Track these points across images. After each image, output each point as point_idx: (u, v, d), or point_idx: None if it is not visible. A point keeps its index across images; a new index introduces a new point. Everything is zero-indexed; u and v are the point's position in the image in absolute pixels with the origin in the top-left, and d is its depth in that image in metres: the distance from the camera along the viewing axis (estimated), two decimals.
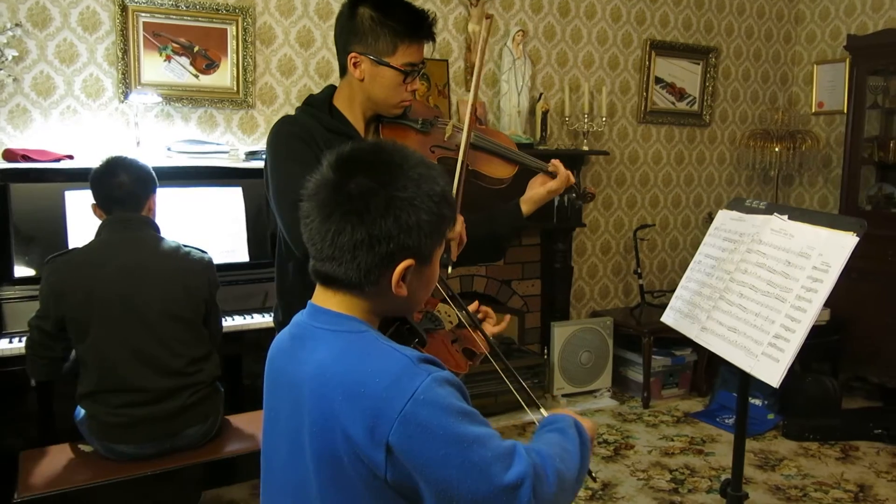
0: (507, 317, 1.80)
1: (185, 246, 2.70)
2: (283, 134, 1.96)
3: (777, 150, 5.37)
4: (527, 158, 2.17)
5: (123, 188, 2.61)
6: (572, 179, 2.17)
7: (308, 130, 1.93)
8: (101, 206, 2.65)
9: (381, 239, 1.20)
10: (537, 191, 2.15)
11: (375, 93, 1.96)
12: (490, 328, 1.79)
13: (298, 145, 1.90)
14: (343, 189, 1.21)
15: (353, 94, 2.00)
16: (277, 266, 2.08)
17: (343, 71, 2.00)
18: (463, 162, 1.96)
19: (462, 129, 2.00)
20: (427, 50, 2.01)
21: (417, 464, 1.13)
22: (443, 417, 1.14)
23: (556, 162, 2.16)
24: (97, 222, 2.66)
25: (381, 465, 1.14)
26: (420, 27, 1.93)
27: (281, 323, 2.06)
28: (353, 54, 1.93)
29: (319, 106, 2.02)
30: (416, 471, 1.14)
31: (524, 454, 1.19)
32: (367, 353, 1.22)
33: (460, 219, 1.85)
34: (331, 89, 2.07)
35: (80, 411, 2.62)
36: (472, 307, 1.80)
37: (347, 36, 1.94)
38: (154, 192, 2.72)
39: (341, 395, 1.17)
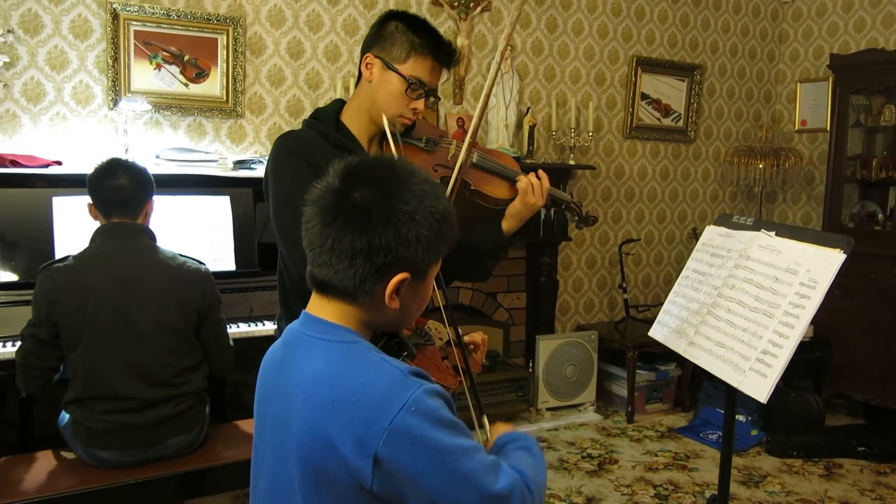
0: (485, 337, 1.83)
1: (182, 256, 2.69)
2: (283, 151, 1.97)
3: (761, 166, 5.42)
4: (517, 176, 2.17)
5: (123, 191, 2.59)
6: (544, 189, 2.10)
7: (309, 147, 1.94)
8: (98, 207, 2.62)
9: (379, 249, 1.21)
10: (515, 205, 2.11)
11: (379, 98, 1.97)
12: (476, 357, 1.81)
13: (297, 163, 1.91)
14: (347, 197, 1.22)
15: (361, 102, 2.02)
16: (280, 275, 2.08)
17: (359, 78, 2.03)
18: (457, 178, 1.96)
19: (466, 150, 2.02)
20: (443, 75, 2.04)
21: (406, 475, 1.14)
22: (432, 429, 1.15)
23: (522, 176, 2.10)
24: (84, 228, 2.64)
25: (367, 476, 1.15)
26: (437, 48, 1.97)
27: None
28: (368, 55, 1.97)
29: (326, 120, 2.03)
30: (404, 481, 1.15)
31: (508, 469, 1.22)
32: (359, 363, 1.22)
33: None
34: (339, 103, 2.09)
35: (65, 416, 2.61)
36: (472, 337, 1.82)
37: (370, 41, 1.99)
38: (152, 196, 2.71)
39: (331, 405, 1.18)
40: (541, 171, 2.14)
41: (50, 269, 2.53)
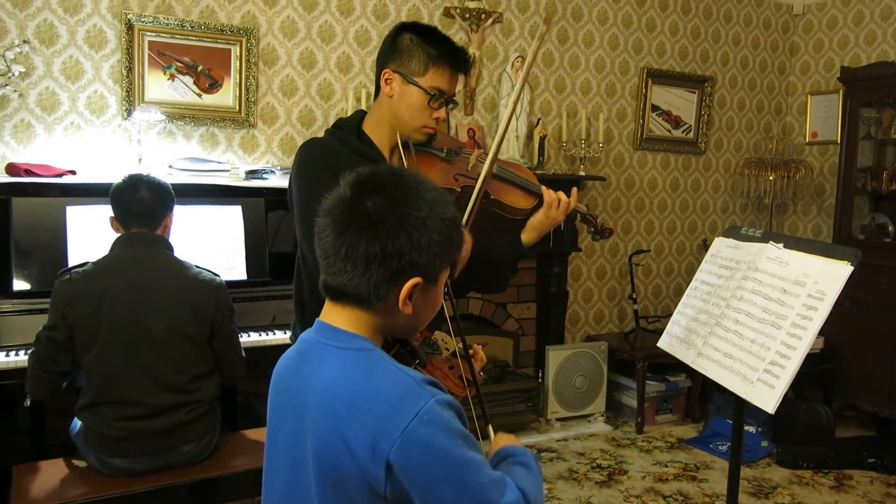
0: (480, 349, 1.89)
1: (197, 267, 2.73)
2: (307, 158, 2.00)
3: (771, 178, 5.43)
4: (541, 189, 2.20)
5: (143, 203, 2.65)
6: (566, 203, 2.15)
7: (332, 154, 1.98)
8: (119, 220, 2.68)
9: (393, 255, 1.23)
10: (536, 216, 2.16)
11: (401, 112, 2.01)
12: (476, 365, 1.85)
13: (321, 169, 1.94)
14: (360, 206, 1.25)
15: (382, 115, 2.05)
16: (296, 283, 2.10)
17: (377, 91, 2.06)
18: (481, 188, 2.00)
19: (485, 161, 2.05)
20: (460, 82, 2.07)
21: (415, 482, 1.17)
22: (444, 439, 1.17)
23: (552, 193, 2.17)
24: (98, 237, 2.69)
25: (381, 482, 1.17)
26: (454, 56, 2.01)
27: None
28: (386, 70, 2.01)
29: (348, 129, 2.07)
30: (413, 489, 1.17)
31: (513, 485, 1.24)
32: (374, 371, 1.25)
33: (468, 240, 1.88)
34: (360, 114, 2.13)
35: (77, 424, 2.63)
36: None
37: (386, 55, 2.02)
38: (172, 209, 2.76)
39: (347, 412, 1.20)
40: (573, 191, 2.20)
41: (69, 273, 2.58)
